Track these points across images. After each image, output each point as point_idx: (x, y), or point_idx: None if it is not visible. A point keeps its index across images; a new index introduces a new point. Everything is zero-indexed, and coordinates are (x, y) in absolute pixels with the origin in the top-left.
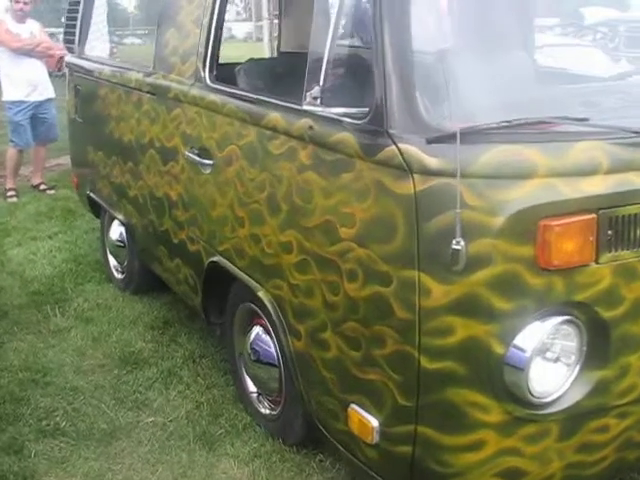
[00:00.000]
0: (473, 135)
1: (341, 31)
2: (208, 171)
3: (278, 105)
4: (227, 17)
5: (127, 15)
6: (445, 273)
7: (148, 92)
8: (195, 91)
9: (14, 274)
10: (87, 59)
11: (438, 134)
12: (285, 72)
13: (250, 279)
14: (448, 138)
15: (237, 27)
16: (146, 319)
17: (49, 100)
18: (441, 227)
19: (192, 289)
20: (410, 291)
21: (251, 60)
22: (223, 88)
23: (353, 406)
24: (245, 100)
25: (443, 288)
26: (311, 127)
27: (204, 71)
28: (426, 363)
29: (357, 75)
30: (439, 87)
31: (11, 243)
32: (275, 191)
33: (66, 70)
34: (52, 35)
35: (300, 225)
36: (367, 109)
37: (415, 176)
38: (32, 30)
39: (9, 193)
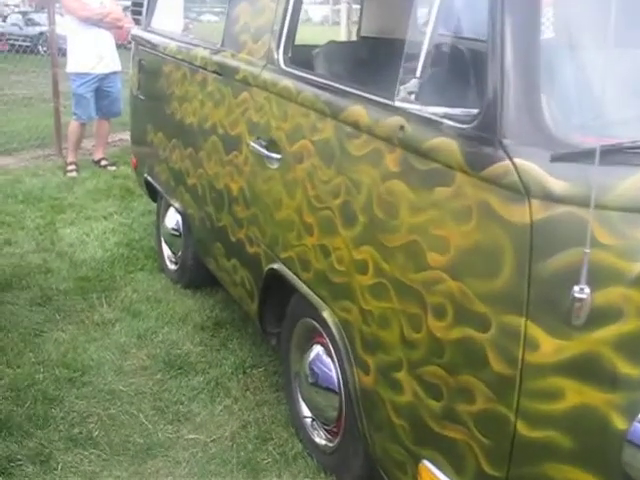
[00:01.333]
0: (614, 154)
1: (445, 14)
2: (275, 166)
3: (362, 97)
4: None
5: None
6: (560, 325)
7: (214, 72)
8: (266, 74)
9: (63, 255)
10: (154, 32)
11: (567, 150)
12: (370, 59)
13: (314, 295)
14: (580, 156)
15: (313, 9)
16: (197, 318)
17: (115, 73)
18: (561, 268)
19: (248, 294)
20: (513, 342)
21: (331, 43)
22: (299, 73)
23: (425, 462)
24: (323, 88)
25: (556, 343)
26: (402, 128)
27: (278, 52)
28: (524, 429)
29: (464, 69)
30: (572, 89)
31: (64, 221)
32: (352, 199)
33: (132, 43)
34: (125, 9)
35: (379, 242)
36: (475, 111)
37: (533, 201)
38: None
39: (69, 167)
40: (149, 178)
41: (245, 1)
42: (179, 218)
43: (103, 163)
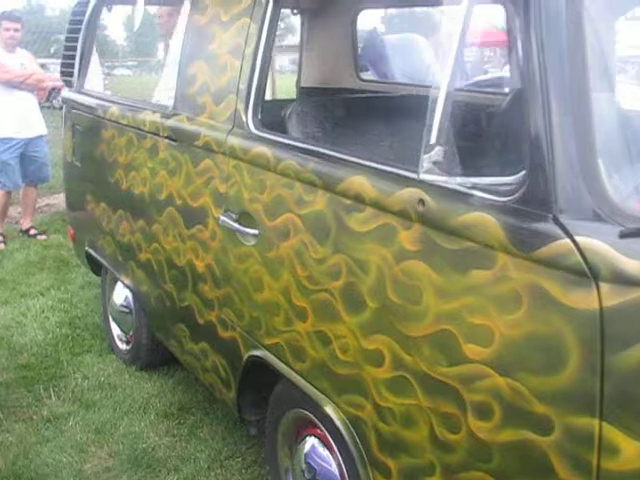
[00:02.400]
0: None
1: (471, 66)
2: (251, 242)
3: (363, 166)
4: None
5: (118, 46)
6: None
7: (167, 137)
8: (233, 140)
9: (0, 341)
10: (88, 95)
11: (637, 223)
12: (352, 116)
13: (312, 387)
14: None
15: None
16: (158, 404)
17: (40, 137)
18: None
19: (223, 382)
20: (584, 446)
21: (303, 99)
22: (275, 138)
23: None
24: (310, 155)
25: None
26: (422, 201)
27: (246, 114)
28: None
29: (499, 130)
30: (631, 150)
31: None
32: (357, 281)
33: (62, 106)
34: (42, 66)
35: (397, 331)
36: (518, 179)
37: (602, 285)
38: (22, 61)
39: None
40: (91, 252)
41: (200, 59)
42: (128, 294)
43: (32, 232)
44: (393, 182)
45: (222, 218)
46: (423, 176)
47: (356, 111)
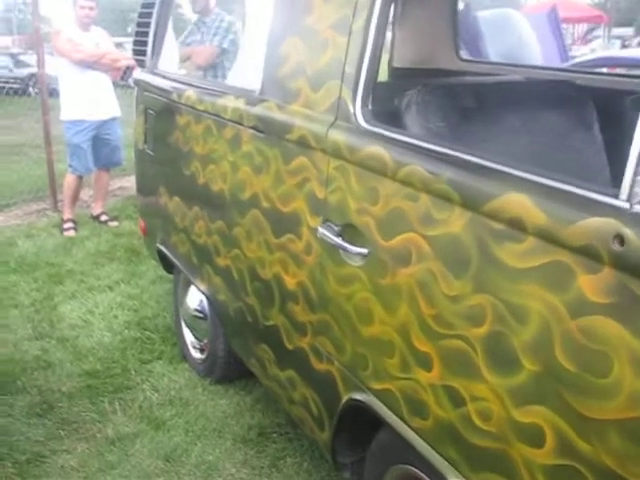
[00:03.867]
0: None
1: None
2: (358, 263)
3: (525, 182)
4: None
5: None
6: None
7: (252, 127)
8: (338, 135)
9: (65, 343)
10: (163, 76)
11: None
12: (495, 106)
13: (433, 452)
14: None
15: None
16: (235, 427)
17: (114, 119)
18: None
19: (315, 419)
20: None
21: (427, 86)
22: (395, 136)
23: None
24: (446, 161)
25: None
26: (621, 238)
27: (354, 104)
28: None
29: None
30: None
31: (64, 294)
32: (508, 331)
33: (135, 88)
34: (119, 45)
35: (568, 407)
36: None
37: None
38: (97, 40)
39: (66, 225)
40: (163, 249)
41: (294, 35)
42: (203, 298)
43: (103, 218)
44: (574, 207)
45: (320, 230)
46: (637, 207)
47: (486, 100)
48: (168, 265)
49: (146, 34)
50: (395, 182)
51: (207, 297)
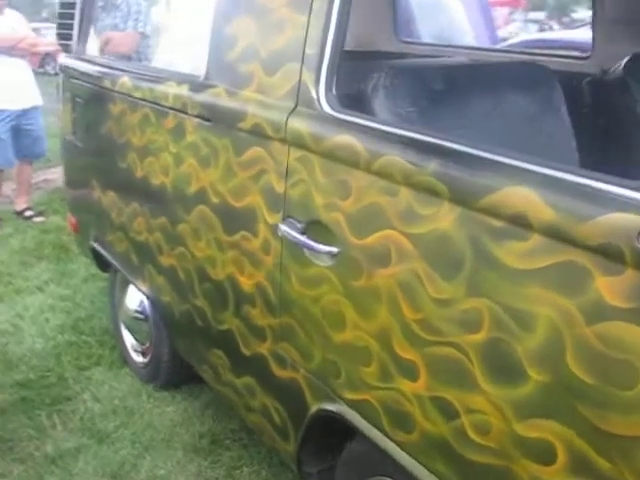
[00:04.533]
0: None
1: None
2: (326, 263)
3: (529, 173)
4: None
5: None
6: None
7: (197, 116)
8: (299, 123)
9: None
10: (92, 62)
11: None
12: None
13: (421, 467)
14: None
15: None
16: (185, 436)
17: (35, 108)
18: None
19: (277, 429)
20: None
21: (390, 67)
22: (368, 123)
23: None
24: (431, 150)
25: None
26: None
27: (317, 88)
28: None
29: None
30: None
31: None
32: (510, 339)
33: (59, 74)
34: (35, 30)
35: (585, 421)
36: None
37: None
38: (13, 24)
39: None
40: (98, 247)
41: (242, 14)
42: (144, 298)
43: (28, 214)
44: (590, 202)
45: (282, 227)
46: None
47: (454, 83)
48: (103, 264)
49: (71, 16)
50: (369, 174)
51: (149, 298)
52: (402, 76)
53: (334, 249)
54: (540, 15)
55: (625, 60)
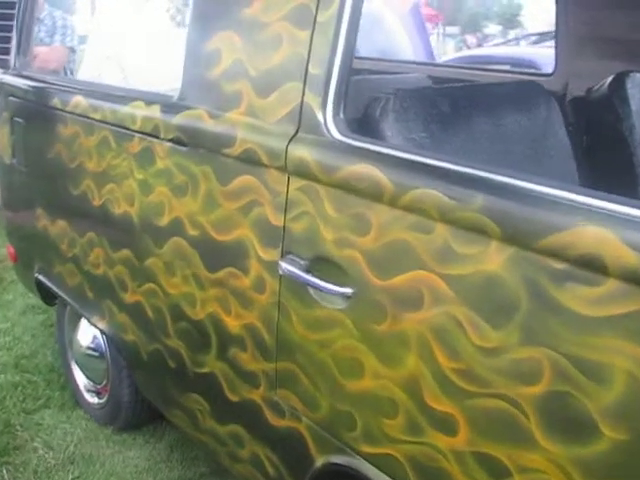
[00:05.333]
0: None
1: None
2: (339, 305)
3: (603, 211)
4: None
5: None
6: None
7: (171, 140)
8: (303, 150)
9: None
10: (37, 79)
11: None
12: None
13: None
14: None
15: None
16: None
17: None
18: None
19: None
20: None
21: (402, 90)
22: (392, 152)
23: None
24: (476, 184)
25: None
26: None
27: (323, 112)
28: None
29: None
30: None
31: None
32: (578, 393)
33: None
34: None
35: None
36: None
37: None
38: None
39: None
40: (43, 279)
41: (227, 28)
42: (98, 334)
43: None
44: None
45: (283, 265)
46: None
47: (458, 106)
48: (48, 296)
49: (9, 28)
50: (395, 209)
51: (107, 336)
52: (411, 99)
53: (348, 290)
54: (455, 30)
55: (610, 79)
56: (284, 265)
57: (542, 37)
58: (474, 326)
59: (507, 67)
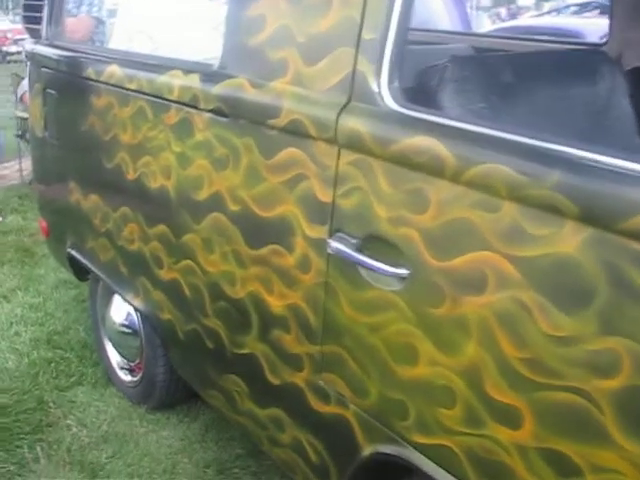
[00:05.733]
0: None
1: None
2: (393, 286)
3: None
4: None
5: None
6: None
7: (212, 111)
8: (356, 121)
9: None
10: (69, 49)
11: None
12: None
13: None
14: None
15: None
16: (188, 465)
17: None
18: None
19: (313, 467)
20: None
21: (459, 58)
22: (454, 124)
23: None
24: (551, 158)
25: None
26: None
27: (378, 80)
28: None
29: None
30: None
31: None
32: None
33: (26, 62)
34: None
35: None
36: None
37: None
38: None
39: None
40: (76, 254)
41: None
42: (131, 310)
43: None
44: None
45: (332, 244)
46: None
47: (520, 74)
48: (80, 272)
49: None
50: (457, 185)
51: (142, 313)
52: (469, 68)
53: (403, 271)
54: (487, 2)
55: None
56: (333, 244)
57: (582, 7)
58: (544, 313)
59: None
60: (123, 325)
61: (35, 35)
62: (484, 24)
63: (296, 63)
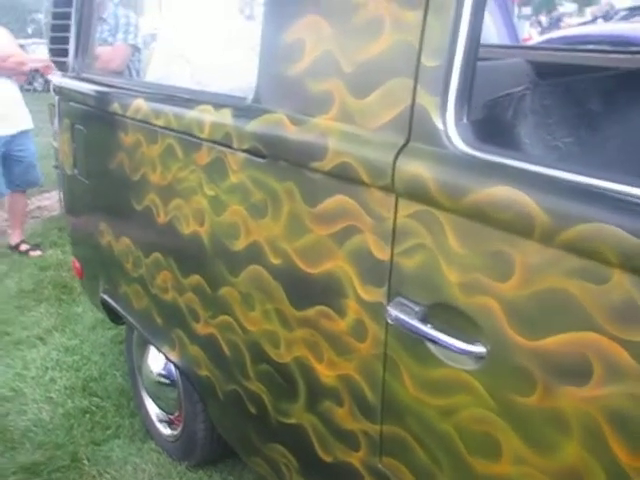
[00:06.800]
0: None
1: None
2: (468, 366)
3: None
4: None
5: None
6: None
7: (247, 150)
8: (418, 165)
9: None
10: (95, 81)
11: None
12: (617, 106)
13: None
14: None
15: None
16: None
17: (25, 133)
18: None
19: None
20: None
21: (539, 84)
22: (544, 171)
23: None
24: None
25: None
26: None
27: (443, 116)
28: None
29: None
30: None
31: None
32: None
33: (50, 92)
34: (21, 47)
35: None
36: None
37: None
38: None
39: None
40: (109, 299)
41: (313, 12)
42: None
43: (23, 248)
44: None
45: (392, 312)
46: None
47: (607, 101)
48: (115, 316)
49: (66, 28)
50: (551, 248)
51: (179, 368)
52: (552, 95)
53: (481, 349)
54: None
55: None
56: (393, 312)
57: (632, 11)
58: None
59: (606, 47)
60: (160, 375)
61: (63, 68)
62: (531, 34)
63: (342, 96)
